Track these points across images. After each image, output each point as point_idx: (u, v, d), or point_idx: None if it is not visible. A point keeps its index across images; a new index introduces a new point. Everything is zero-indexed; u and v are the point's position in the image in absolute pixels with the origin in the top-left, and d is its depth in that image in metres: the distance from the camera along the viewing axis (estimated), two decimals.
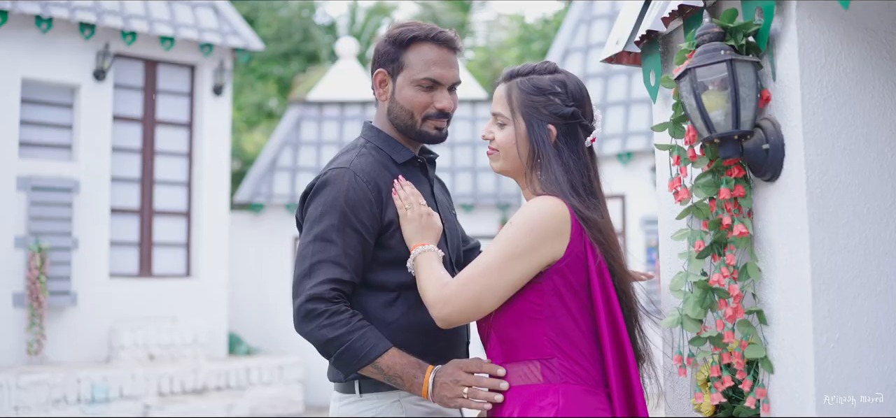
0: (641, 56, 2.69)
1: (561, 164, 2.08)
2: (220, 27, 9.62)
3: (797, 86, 1.95)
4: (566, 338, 2.01)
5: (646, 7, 2.64)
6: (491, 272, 1.97)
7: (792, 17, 1.96)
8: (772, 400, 2.04)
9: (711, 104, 1.97)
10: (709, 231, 2.10)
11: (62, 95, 8.89)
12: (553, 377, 2.00)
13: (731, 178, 2.05)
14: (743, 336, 2.04)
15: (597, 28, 9.91)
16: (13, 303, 8.33)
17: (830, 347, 1.93)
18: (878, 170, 1.98)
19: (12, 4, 8.27)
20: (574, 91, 2.16)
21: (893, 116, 2.01)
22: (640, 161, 9.14)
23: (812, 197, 1.92)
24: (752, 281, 2.05)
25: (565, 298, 2.01)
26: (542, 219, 1.98)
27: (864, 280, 1.95)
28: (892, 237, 1.98)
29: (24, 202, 8.44)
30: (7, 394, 7.41)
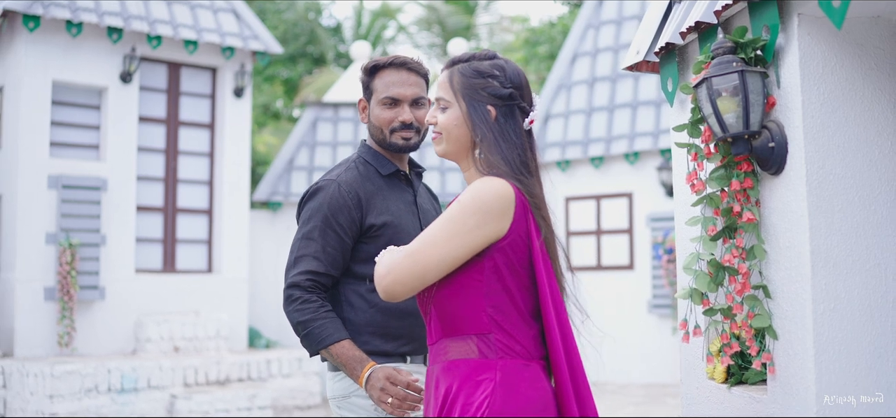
0: (660, 65, 3.01)
1: (500, 142, 2.13)
2: (241, 31, 9.96)
3: (798, 93, 2.28)
4: (503, 314, 2.05)
5: (664, 22, 2.97)
6: (435, 246, 2.02)
7: (794, 34, 2.29)
8: (776, 362, 2.37)
9: (725, 108, 2.31)
10: (721, 217, 2.43)
11: (90, 97, 9.23)
12: (490, 352, 2.04)
13: (741, 172, 2.38)
14: (750, 308, 2.37)
15: (604, 33, 10.23)
16: (45, 296, 8.67)
17: (827, 316, 2.26)
18: (867, 164, 2.32)
19: (44, 10, 8.60)
20: (512, 75, 2.21)
21: (880, 118, 2.34)
22: (647, 161, 9.45)
23: (811, 188, 2.25)
24: (759, 260, 2.38)
25: (505, 276, 2.05)
26: (488, 199, 2.02)
27: (855, 258, 2.28)
28: (879, 221, 2.31)
29: (55, 200, 8.78)
30: (42, 383, 7.74)
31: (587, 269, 9.79)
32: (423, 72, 2.79)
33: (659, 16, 2.99)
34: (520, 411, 1.99)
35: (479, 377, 2.03)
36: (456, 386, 2.05)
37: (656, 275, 9.23)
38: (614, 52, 10.05)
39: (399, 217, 2.73)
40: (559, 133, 9.98)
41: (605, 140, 9.66)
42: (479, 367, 2.04)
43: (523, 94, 2.19)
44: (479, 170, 2.14)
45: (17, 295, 8.59)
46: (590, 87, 10.05)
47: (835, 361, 2.26)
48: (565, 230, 9.93)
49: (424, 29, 26.58)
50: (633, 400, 7.86)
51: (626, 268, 9.58)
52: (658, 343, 9.22)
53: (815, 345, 2.24)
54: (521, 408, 2.00)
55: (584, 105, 10.00)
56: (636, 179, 9.52)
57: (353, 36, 25.27)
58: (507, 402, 1.99)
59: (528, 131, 2.19)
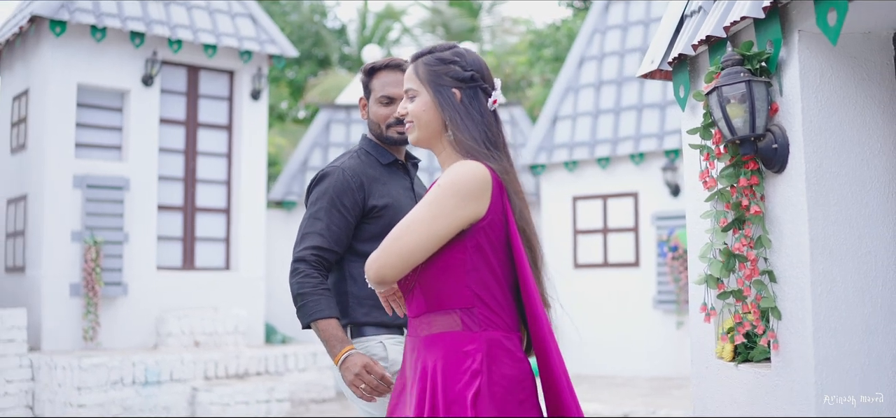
0: (672, 73, 3.31)
1: (467, 121, 2.25)
2: (258, 35, 10.26)
3: (798, 100, 2.58)
4: (486, 289, 2.16)
5: (676, 34, 3.27)
6: (418, 229, 2.13)
7: (795, 48, 2.59)
8: (780, 340, 2.67)
9: (734, 113, 2.61)
10: (731, 210, 2.73)
11: (113, 99, 9.53)
12: (474, 325, 2.15)
13: (748, 170, 2.68)
14: (758, 291, 2.67)
15: (610, 37, 10.52)
16: (70, 292, 8.97)
17: (824, 297, 2.56)
18: (860, 163, 2.62)
19: (70, 15, 8.90)
20: (472, 60, 2.33)
21: (871, 122, 2.64)
22: (652, 161, 9.74)
23: (810, 184, 2.55)
24: (765, 249, 2.68)
25: (486, 253, 2.17)
26: (466, 181, 2.13)
27: (849, 246, 2.58)
28: (870, 214, 2.61)
29: (80, 199, 9.08)
30: (71, 375, 8.03)
31: (594, 267, 10.08)
32: None
33: (671, 29, 3.30)
34: (502, 376, 2.11)
35: (464, 348, 2.14)
36: (441, 360, 2.15)
37: (661, 272, 9.52)
38: (620, 56, 10.34)
39: (398, 200, 2.99)
40: (567, 134, 10.27)
41: (612, 141, 9.94)
42: (463, 338, 2.15)
43: (484, 77, 2.32)
44: (453, 153, 2.27)
45: (43, 291, 8.88)
46: (596, 90, 10.34)
47: (831, 337, 2.56)
48: (573, 228, 10.21)
49: (429, 31, 26.81)
50: (639, 392, 8.15)
51: (631, 265, 9.86)
52: (663, 338, 9.50)
53: (813, 323, 2.54)
54: (502, 374, 2.11)
55: (591, 107, 10.29)
56: (641, 179, 9.80)
57: (358, 38, 25.48)
58: (493, 371, 2.11)
59: (494, 111, 2.33)
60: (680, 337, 9.37)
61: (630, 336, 9.71)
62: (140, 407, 8.34)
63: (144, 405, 8.38)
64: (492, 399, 2.09)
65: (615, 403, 7.36)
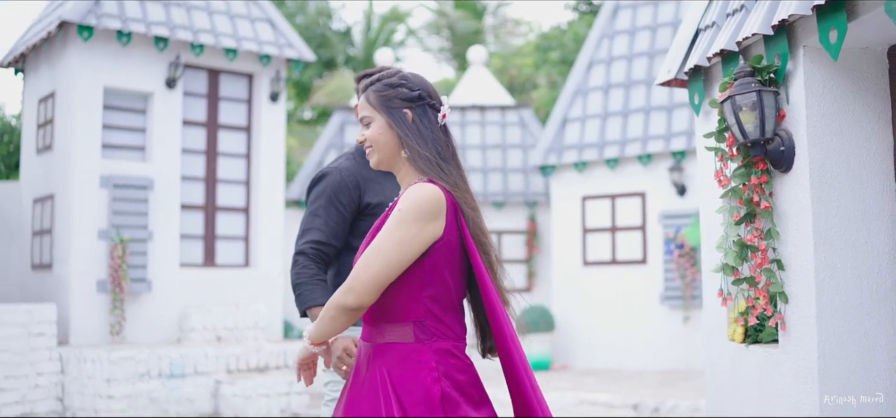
0: (688, 81, 3.63)
1: (421, 138, 2.39)
2: (277, 40, 10.59)
3: (803, 107, 2.90)
4: (438, 303, 2.30)
5: (691, 47, 3.59)
6: (387, 255, 2.24)
7: (800, 61, 2.91)
8: (787, 321, 2.99)
9: (745, 119, 2.93)
10: (743, 206, 3.05)
11: (138, 102, 9.85)
12: (425, 337, 2.29)
13: (759, 170, 3.00)
14: (767, 277, 2.99)
15: (618, 42, 10.84)
16: (97, 289, 9.29)
17: (826, 283, 2.88)
18: (858, 164, 2.94)
19: (97, 20, 9.22)
20: (416, 81, 2.48)
21: (868, 128, 2.96)
22: (659, 162, 10.05)
23: (813, 182, 2.87)
24: (773, 240, 3.00)
25: (442, 269, 2.30)
26: (424, 205, 2.26)
27: (847, 238, 2.90)
28: (867, 209, 2.93)
29: (107, 198, 9.40)
30: (100, 368, 8.35)
31: (603, 264, 10.39)
32: None
33: (687, 42, 3.62)
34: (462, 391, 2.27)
35: (418, 358, 2.28)
36: (395, 368, 2.29)
37: (668, 269, 9.83)
38: (628, 60, 10.66)
39: (390, 198, 3.25)
40: (576, 136, 10.58)
41: (620, 143, 10.26)
42: (415, 350, 2.29)
43: (430, 94, 2.46)
44: (411, 170, 2.40)
45: (71, 287, 9.20)
46: (605, 93, 10.66)
47: (832, 318, 2.88)
48: (582, 227, 10.53)
49: (434, 33, 27.05)
50: (648, 384, 8.46)
51: (639, 262, 10.18)
52: (670, 332, 9.81)
53: (817, 305, 2.86)
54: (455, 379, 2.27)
55: (600, 110, 10.60)
56: (649, 179, 10.12)
57: (363, 40, 25.68)
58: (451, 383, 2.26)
59: (443, 126, 2.47)
60: (686, 332, 9.68)
61: (638, 331, 10.02)
62: (166, 398, 8.66)
63: (170, 396, 8.69)
64: (454, 400, 2.25)
65: (625, 394, 7.67)
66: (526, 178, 11.46)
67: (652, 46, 10.54)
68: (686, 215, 9.66)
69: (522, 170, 11.54)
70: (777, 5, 2.89)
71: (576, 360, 10.44)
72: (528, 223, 11.33)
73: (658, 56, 10.43)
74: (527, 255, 11.35)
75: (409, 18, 26.95)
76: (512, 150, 11.69)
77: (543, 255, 11.31)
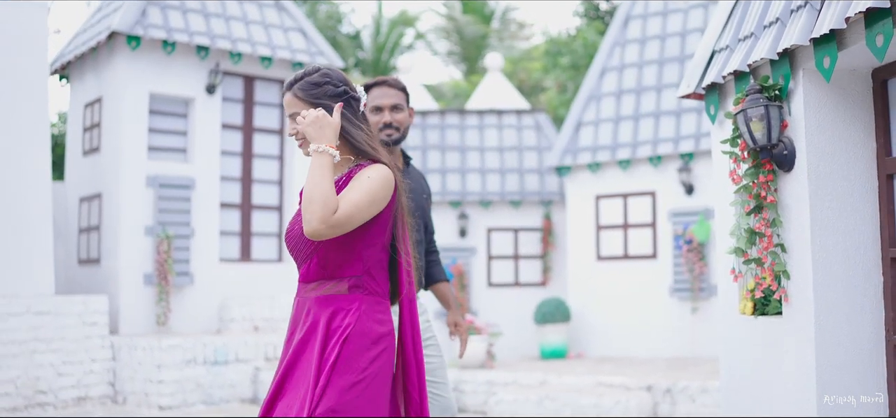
0: (705, 96, 4.29)
1: (352, 126, 2.67)
2: (309, 48, 11.26)
3: (802, 119, 3.55)
4: (372, 264, 2.64)
5: (707, 66, 4.25)
6: (360, 208, 2.52)
7: (800, 82, 3.57)
8: (789, 294, 3.65)
9: (755, 129, 3.58)
10: (752, 200, 3.71)
11: (180, 107, 10.52)
12: (357, 290, 2.61)
13: (766, 170, 3.66)
14: (772, 258, 3.65)
15: (629, 50, 11.50)
16: (144, 282, 9.96)
17: (820, 262, 3.53)
18: (847, 165, 3.59)
19: (144, 31, 9.89)
20: (337, 76, 2.71)
21: (855, 135, 3.61)
22: (668, 163, 10.70)
23: (810, 180, 3.53)
24: (778, 227, 3.66)
25: (380, 235, 2.64)
26: (387, 179, 2.59)
27: (837, 225, 3.56)
28: (854, 201, 3.59)
29: (152, 197, 10.07)
30: (151, 355, 9.00)
31: (615, 259, 11.05)
32: (400, 86, 3.98)
33: (704, 61, 4.28)
34: (371, 330, 2.58)
35: (349, 306, 2.58)
36: (329, 313, 2.58)
37: (677, 263, 10.48)
38: (639, 67, 11.32)
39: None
40: (590, 139, 11.25)
41: (631, 145, 10.92)
42: (348, 299, 2.59)
43: (351, 88, 2.72)
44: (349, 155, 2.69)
45: (120, 280, 9.86)
46: (617, 99, 11.32)
47: (826, 292, 3.53)
48: (596, 224, 11.18)
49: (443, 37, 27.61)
50: (659, 369, 9.11)
51: (650, 257, 10.83)
52: (678, 322, 10.47)
53: (813, 281, 3.52)
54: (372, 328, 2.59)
55: (613, 114, 11.26)
56: (659, 179, 10.77)
57: (372, 43, 26.19)
58: (363, 323, 2.57)
59: (363, 114, 2.74)
60: (694, 322, 10.33)
61: (649, 321, 10.67)
62: (210, 383, 9.31)
63: (214, 382, 9.34)
64: (354, 342, 2.54)
65: (639, 377, 8.32)
66: (541, 179, 12.12)
67: (661, 55, 11.20)
68: (694, 213, 10.32)
69: (538, 170, 12.20)
70: (781, 35, 3.55)
71: (590, 349, 11.10)
72: (543, 221, 11.98)
73: (667, 64, 11.08)
74: (542, 251, 12.01)
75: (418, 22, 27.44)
76: (528, 152, 12.35)
77: (558, 251, 11.97)
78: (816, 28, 3.25)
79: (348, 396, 2.49)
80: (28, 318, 8.66)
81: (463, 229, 11.80)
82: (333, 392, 2.48)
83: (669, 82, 10.90)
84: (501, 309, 11.61)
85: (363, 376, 2.52)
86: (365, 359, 2.53)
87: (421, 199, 4.05)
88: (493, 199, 11.89)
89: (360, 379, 2.51)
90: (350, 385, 2.49)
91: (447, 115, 12.78)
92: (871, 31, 3.02)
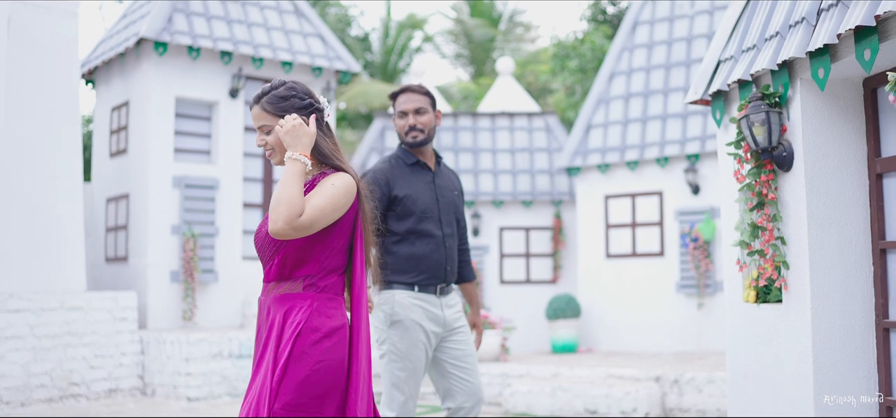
0: (711, 102, 4.67)
1: (318, 138, 2.80)
2: (327, 53, 11.65)
3: (800, 123, 3.93)
4: (328, 267, 2.75)
5: (714, 74, 4.62)
6: (324, 212, 2.65)
7: (798, 90, 3.94)
8: (788, 283, 4.02)
9: (757, 132, 3.96)
10: (755, 197, 4.08)
11: (204, 110, 10.92)
12: (311, 289, 2.72)
13: (767, 169, 4.04)
14: (773, 250, 4.02)
15: (637, 55, 11.88)
16: (170, 278, 10.35)
17: (816, 253, 3.91)
18: (839, 166, 3.97)
19: (171, 37, 10.29)
20: (302, 89, 2.85)
21: (848, 138, 3.99)
22: (675, 164, 11.07)
23: (807, 179, 3.90)
24: (778, 222, 4.03)
25: (339, 238, 2.76)
26: (348, 188, 2.72)
27: (831, 220, 3.93)
28: (847, 198, 3.96)
29: (178, 197, 10.46)
30: (179, 349, 9.39)
31: (624, 256, 11.42)
32: (424, 91, 4.37)
33: (710, 70, 4.65)
34: (323, 325, 2.70)
35: (301, 304, 2.70)
36: (284, 311, 2.72)
37: (683, 261, 10.85)
38: (646, 71, 11.69)
39: (416, 191, 4.24)
40: (599, 141, 11.63)
41: (639, 146, 11.29)
42: (301, 297, 2.71)
43: (315, 99, 2.86)
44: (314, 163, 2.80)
45: (148, 277, 10.26)
46: (625, 102, 11.70)
47: (821, 279, 3.91)
48: (605, 223, 11.56)
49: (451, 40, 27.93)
50: (667, 362, 9.48)
51: (657, 254, 11.20)
52: (685, 317, 10.84)
53: (809, 270, 3.89)
54: (323, 323, 2.71)
55: (621, 117, 11.64)
56: (666, 180, 11.14)
57: (381, 46, 26.49)
58: (314, 319, 2.70)
59: (327, 123, 2.87)
60: (700, 317, 10.70)
61: (656, 316, 11.05)
62: (235, 376, 9.69)
63: (238, 375, 9.73)
64: (305, 337, 2.67)
65: (648, 369, 8.69)
66: (552, 179, 12.50)
67: (668, 59, 11.57)
68: (700, 212, 10.69)
69: (548, 171, 12.58)
70: (781, 48, 3.92)
71: (600, 343, 11.48)
72: (554, 220, 12.35)
73: (674, 68, 11.45)
74: (553, 249, 12.38)
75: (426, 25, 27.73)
76: (538, 153, 12.73)
77: (568, 249, 12.35)
78: (812, 42, 3.62)
79: (303, 389, 2.63)
80: (61, 314, 9.05)
81: (476, 228, 12.19)
82: (289, 386, 2.62)
83: (676, 86, 11.27)
84: (513, 305, 11.99)
85: (316, 368, 2.65)
86: (317, 352, 2.66)
87: (452, 196, 4.42)
88: (505, 199, 12.27)
89: (313, 371, 2.64)
90: (304, 377, 2.64)
91: (460, 118, 13.16)
92: (859, 45, 3.40)
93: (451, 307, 4.25)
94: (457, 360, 4.23)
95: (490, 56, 26.84)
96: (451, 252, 4.29)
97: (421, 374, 4.12)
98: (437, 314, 4.17)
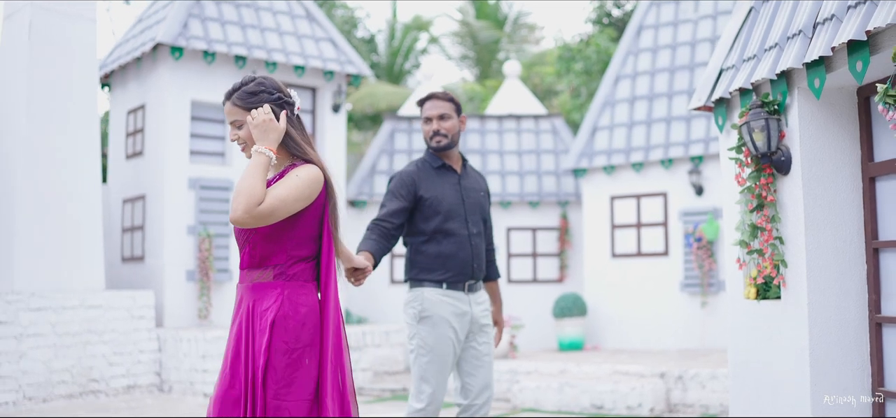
0: (714, 108, 4.90)
1: (289, 130, 2.91)
2: (339, 57, 11.90)
3: (797, 130, 4.17)
4: (296, 254, 2.85)
5: (716, 82, 4.86)
6: (285, 202, 2.73)
7: (795, 98, 4.18)
8: (786, 280, 4.26)
9: (757, 138, 4.19)
10: (755, 199, 4.32)
11: (219, 113, 11.16)
12: (281, 277, 2.82)
13: (766, 173, 4.27)
14: (772, 249, 4.26)
15: (642, 59, 12.11)
16: (186, 278, 10.60)
17: (813, 252, 4.14)
18: (834, 170, 4.20)
19: (187, 42, 10.54)
20: (271, 83, 2.94)
21: (842, 144, 4.22)
22: (679, 166, 11.30)
23: (804, 182, 4.14)
24: (777, 222, 4.27)
25: (306, 228, 2.84)
26: (314, 179, 2.81)
27: (826, 221, 4.17)
28: (842, 201, 4.20)
29: (194, 198, 10.71)
30: (196, 346, 9.64)
31: (629, 256, 11.65)
32: (447, 98, 4.58)
33: (713, 77, 4.89)
34: (295, 311, 2.80)
35: (272, 292, 2.81)
36: (255, 299, 2.82)
37: (687, 260, 11.08)
38: (651, 75, 11.93)
39: (441, 192, 4.44)
40: (605, 143, 11.87)
41: (644, 148, 11.52)
42: (272, 286, 2.82)
43: (284, 93, 2.94)
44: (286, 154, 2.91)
45: (164, 276, 10.51)
46: (631, 105, 11.93)
47: (817, 276, 4.14)
48: (610, 224, 11.79)
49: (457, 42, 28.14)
50: (671, 359, 9.71)
51: (661, 254, 11.44)
52: (689, 316, 11.07)
53: (806, 268, 4.13)
54: (296, 310, 2.81)
55: (626, 119, 11.88)
56: (670, 181, 11.37)
57: (387, 48, 26.69)
58: (287, 306, 2.80)
59: (298, 116, 2.98)
60: (703, 315, 10.93)
61: (661, 315, 11.28)
62: None
63: None
64: (280, 325, 2.78)
65: (653, 366, 8.92)
66: (558, 180, 12.73)
67: (672, 63, 11.80)
68: (703, 212, 10.92)
69: (555, 173, 12.82)
70: (779, 58, 4.16)
71: (606, 341, 11.71)
72: (560, 220, 12.59)
73: (678, 72, 11.69)
74: (559, 249, 12.62)
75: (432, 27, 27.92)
76: (545, 155, 12.96)
77: (574, 249, 12.59)
78: (808, 54, 3.86)
79: (285, 374, 2.76)
80: (81, 312, 9.30)
81: None
82: (273, 375, 2.76)
83: (680, 89, 11.50)
84: (520, 304, 12.23)
85: (293, 355, 2.78)
86: (291, 338, 2.78)
87: (478, 196, 4.66)
88: (512, 200, 12.51)
89: (291, 358, 2.78)
90: (285, 365, 2.77)
91: (467, 120, 13.40)
92: (852, 57, 3.63)
93: (479, 304, 4.48)
94: (475, 358, 4.46)
95: (495, 57, 27.04)
96: (477, 250, 4.50)
97: (449, 368, 4.35)
98: (464, 310, 4.39)
